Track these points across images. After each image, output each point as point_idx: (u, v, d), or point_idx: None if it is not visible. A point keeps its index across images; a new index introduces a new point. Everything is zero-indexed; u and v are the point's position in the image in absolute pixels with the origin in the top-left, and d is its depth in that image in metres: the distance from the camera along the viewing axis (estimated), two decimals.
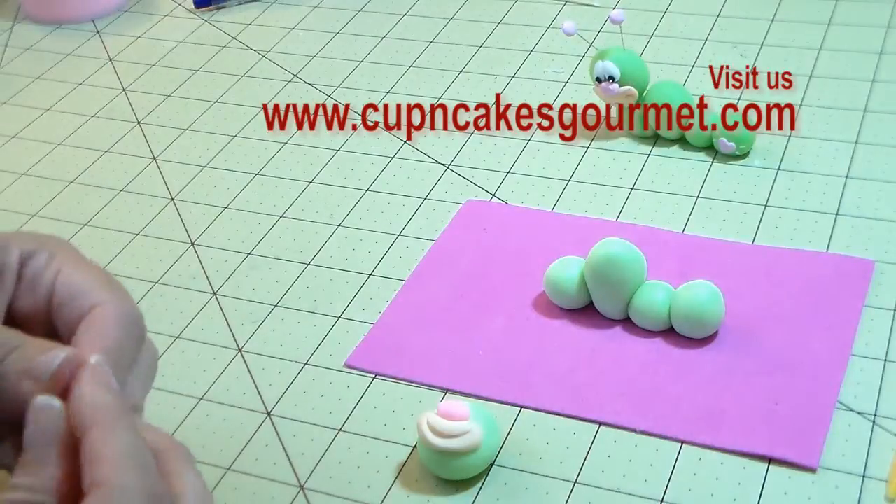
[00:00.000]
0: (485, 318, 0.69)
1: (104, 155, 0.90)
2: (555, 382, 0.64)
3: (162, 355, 0.70)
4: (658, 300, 0.65)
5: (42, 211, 0.85)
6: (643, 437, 0.61)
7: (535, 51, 0.95)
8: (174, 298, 0.75)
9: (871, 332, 0.65)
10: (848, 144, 0.80)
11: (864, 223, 0.73)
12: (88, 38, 1.07)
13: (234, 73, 0.98)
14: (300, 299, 0.73)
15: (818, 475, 0.58)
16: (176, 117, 0.94)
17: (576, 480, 0.59)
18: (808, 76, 0.87)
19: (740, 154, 0.79)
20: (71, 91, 1.00)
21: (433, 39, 0.99)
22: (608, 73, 0.79)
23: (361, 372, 0.67)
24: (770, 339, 0.65)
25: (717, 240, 0.73)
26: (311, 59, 0.99)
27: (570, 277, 0.67)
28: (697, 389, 0.63)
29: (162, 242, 0.80)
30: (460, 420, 0.58)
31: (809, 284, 0.68)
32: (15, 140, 0.94)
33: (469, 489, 0.59)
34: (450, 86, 0.92)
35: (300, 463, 0.62)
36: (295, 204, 0.82)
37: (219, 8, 1.09)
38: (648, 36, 0.95)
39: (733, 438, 0.60)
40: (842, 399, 0.61)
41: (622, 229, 0.73)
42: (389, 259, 0.75)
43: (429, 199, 0.80)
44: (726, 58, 0.90)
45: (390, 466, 0.61)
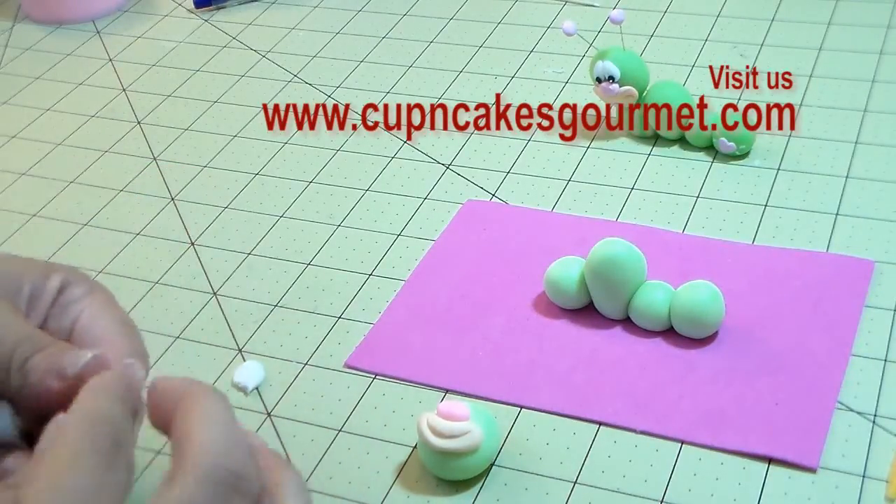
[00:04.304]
0: (485, 318, 0.69)
1: (104, 155, 0.90)
2: (555, 382, 0.64)
3: (162, 355, 0.70)
4: (658, 300, 0.65)
5: (42, 211, 0.85)
6: (643, 437, 0.61)
7: (535, 51, 0.95)
8: (174, 298, 0.75)
9: (871, 332, 0.65)
10: (848, 144, 0.80)
11: (864, 223, 0.73)
12: (88, 38, 1.07)
13: (234, 73, 0.98)
14: (300, 299, 0.73)
15: (818, 475, 0.58)
16: (176, 117, 0.94)
17: (576, 480, 0.59)
18: (808, 76, 0.87)
19: (740, 154, 0.79)
20: (71, 91, 1.00)
21: (433, 39, 0.99)
22: (608, 73, 0.79)
23: (361, 372, 0.67)
24: (770, 339, 0.65)
25: (717, 240, 0.73)
26: (311, 59, 0.99)
27: (570, 277, 0.67)
28: (697, 389, 0.63)
29: (162, 242, 0.80)
30: (460, 420, 0.58)
31: (809, 284, 0.68)
32: (15, 140, 0.94)
33: (469, 489, 0.60)
34: (450, 86, 0.92)
35: (300, 463, 0.62)
36: (295, 204, 0.82)
37: (219, 8, 1.09)
38: (648, 36, 0.95)
39: (733, 438, 0.60)
40: (842, 399, 0.61)
41: (622, 229, 0.73)
42: (389, 259, 0.75)
43: (429, 199, 0.80)
44: (726, 58, 0.90)
45: (390, 466, 0.61)
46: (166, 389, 0.42)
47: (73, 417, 0.39)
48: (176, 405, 0.40)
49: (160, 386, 0.42)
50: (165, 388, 0.42)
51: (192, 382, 0.42)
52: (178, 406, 0.40)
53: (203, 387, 0.42)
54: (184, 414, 0.40)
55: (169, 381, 0.42)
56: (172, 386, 0.42)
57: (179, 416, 0.40)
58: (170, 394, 0.41)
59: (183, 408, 0.40)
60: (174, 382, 0.42)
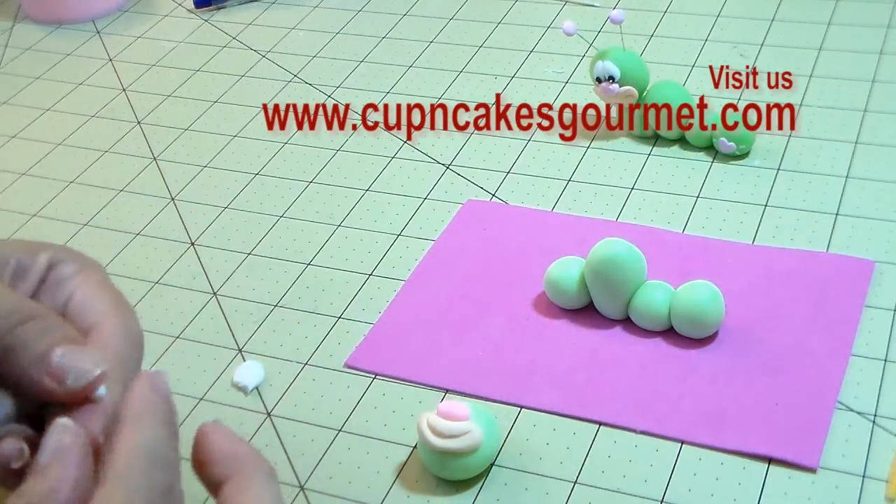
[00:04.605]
0: (485, 318, 0.69)
1: (104, 155, 0.90)
2: (555, 382, 0.64)
3: (162, 355, 0.70)
4: (658, 300, 0.65)
5: (42, 211, 0.85)
6: (643, 437, 0.61)
7: (535, 51, 0.95)
8: (174, 298, 0.75)
9: (871, 332, 0.65)
10: (848, 144, 0.80)
11: (864, 223, 0.73)
12: (88, 38, 1.07)
13: (234, 73, 0.98)
14: (300, 299, 0.73)
15: (818, 475, 0.58)
16: (176, 117, 0.94)
17: (576, 480, 0.59)
18: (808, 76, 0.87)
19: (740, 154, 0.79)
20: (71, 91, 1.00)
21: (433, 39, 0.99)
22: (608, 73, 0.79)
23: (361, 372, 0.67)
24: (770, 339, 0.65)
25: (717, 240, 0.73)
26: (311, 59, 0.99)
27: (570, 277, 0.67)
28: (697, 389, 0.63)
29: (162, 242, 0.80)
30: (460, 420, 0.58)
31: (809, 284, 0.68)
32: (15, 140, 0.94)
33: (469, 489, 0.60)
34: (450, 86, 0.92)
35: (300, 463, 0.62)
36: (295, 204, 0.82)
37: (219, 8, 1.09)
38: (648, 36, 0.95)
39: (733, 438, 0.60)
40: (842, 399, 0.61)
41: (622, 229, 0.73)
42: (389, 259, 0.75)
43: (429, 199, 0.80)
44: (726, 58, 0.90)
45: (390, 466, 0.61)
46: (220, 448, 0.40)
47: (126, 448, 0.37)
48: (228, 476, 0.39)
49: (213, 439, 0.40)
50: (219, 445, 0.40)
51: (247, 449, 0.40)
52: (232, 481, 0.39)
53: (258, 463, 0.40)
54: (237, 492, 0.39)
55: (221, 435, 0.41)
56: (227, 447, 0.40)
57: (233, 493, 0.39)
58: (223, 455, 0.40)
59: (237, 484, 0.39)
60: (227, 442, 0.40)
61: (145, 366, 0.68)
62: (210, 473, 0.40)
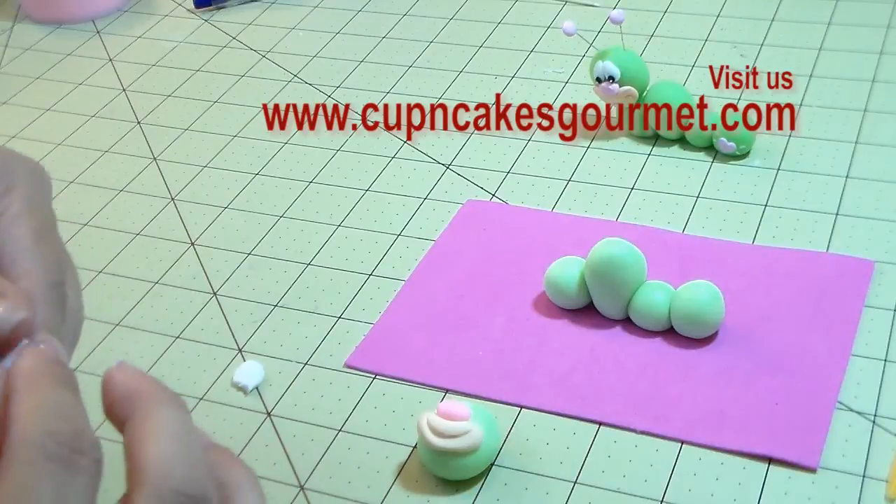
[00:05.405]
0: (485, 318, 0.69)
1: (104, 155, 0.90)
2: (555, 382, 0.64)
3: (162, 355, 0.70)
4: (658, 300, 0.65)
5: None
6: (643, 437, 0.61)
7: (535, 51, 0.95)
8: (174, 298, 0.75)
9: (871, 332, 0.65)
10: (848, 144, 0.80)
11: (864, 223, 0.73)
12: (88, 38, 1.07)
13: (234, 73, 0.98)
14: (300, 299, 0.73)
15: (818, 475, 0.58)
16: (176, 117, 0.94)
17: (576, 480, 0.59)
18: (808, 76, 0.87)
19: (740, 154, 0.79)
20: (71, 91, 1.00)
21: (433, 39, 0.99)
22: (608, 73, 0.79)
23: (361, 372, 0.67)
24: (770, 339, 0.65)
25: (717, 240, 0.73)
26: (311, 59, 0.99)
27: (570, 277, 0.67)
28: (697, 389, 0.63)
29: (162, 242, 0.80)
30: (460, 420, 0.58)
31: (809, 284, 0.68)
32: (15, 140, 0.94)
33: (469, 489, 0.60)
34: (450, 86, 0.92)
35: (300, 463, 0.62)
36: (295, 204, 0.82)
37: (219, 8, 1.09)
38: (648, 36, 0.95)
39: (733, 438, 0.60)
40: (842, 399, 0.61)
41: (622, 229, 0.73)
42: (389, 259, 0.75)
43: (429, 199, 0.80)
44: (726, 58, 0.90)
45: (390, 466, 0.61)
46: (125, 386, 0.37)
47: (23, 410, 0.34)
48: (131, 411, 0.36)
49: (118, 379, 0.37)
50: (123, 384, 0.37)
51: (148, 383, 0.37)
52: (134, 414, 0.36)
53: (158, 393, 0.37)
54: (137, 425, 0.36)
55: (126, 374, 0.37)
56: (130, 384, 0.37)
57: (133, 427, 0.36)
58: (127, 392, 0.37)
59: (138, 417, 0.36)
60: (131, 379, 0.37)
61: (148, 364, 0.69)
62: (115, 415, 0.37)
